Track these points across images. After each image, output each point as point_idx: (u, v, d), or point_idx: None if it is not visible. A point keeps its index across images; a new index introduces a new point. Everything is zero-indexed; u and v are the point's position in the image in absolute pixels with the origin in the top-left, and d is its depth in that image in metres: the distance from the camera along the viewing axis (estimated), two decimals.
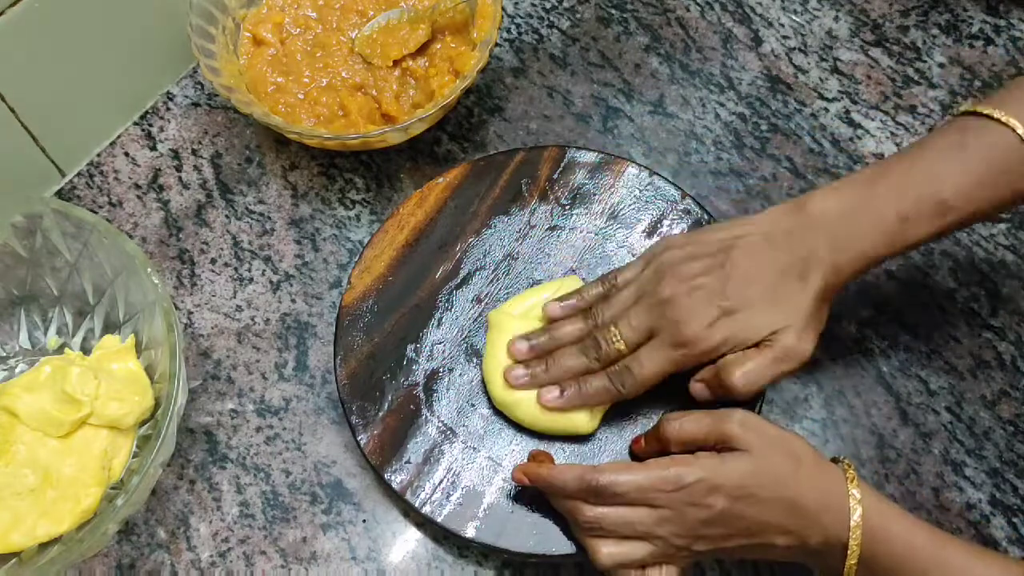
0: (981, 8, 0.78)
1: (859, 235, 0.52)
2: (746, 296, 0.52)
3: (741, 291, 0.52)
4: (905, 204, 0.51)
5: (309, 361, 0.64)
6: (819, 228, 0.53)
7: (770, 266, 0.53)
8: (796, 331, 0.52)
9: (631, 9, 0.79)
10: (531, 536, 0.55)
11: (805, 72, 0.76)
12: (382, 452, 0.58)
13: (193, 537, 0.59)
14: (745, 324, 0.52)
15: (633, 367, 0.54)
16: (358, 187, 0.71)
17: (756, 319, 0.52)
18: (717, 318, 0.52)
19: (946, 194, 0.51)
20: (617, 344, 0.54)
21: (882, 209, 0.52)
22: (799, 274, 0.52)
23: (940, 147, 0.52)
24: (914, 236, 0.52)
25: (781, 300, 0.52)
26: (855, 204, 0.52)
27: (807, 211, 0.53)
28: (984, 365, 0.63)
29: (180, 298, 0.67)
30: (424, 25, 0.70)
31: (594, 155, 0.67)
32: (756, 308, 0.52)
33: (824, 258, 0.52)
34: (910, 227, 0.51)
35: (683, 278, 0.53)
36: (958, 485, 0.59)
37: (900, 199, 0.51)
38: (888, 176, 0.53)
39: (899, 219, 0.51)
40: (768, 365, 0.52)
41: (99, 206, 0.70)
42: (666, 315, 0.53)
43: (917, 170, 0.52)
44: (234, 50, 0.70)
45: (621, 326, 0.54)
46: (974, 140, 0.51)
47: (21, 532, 0.53)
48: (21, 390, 0.56)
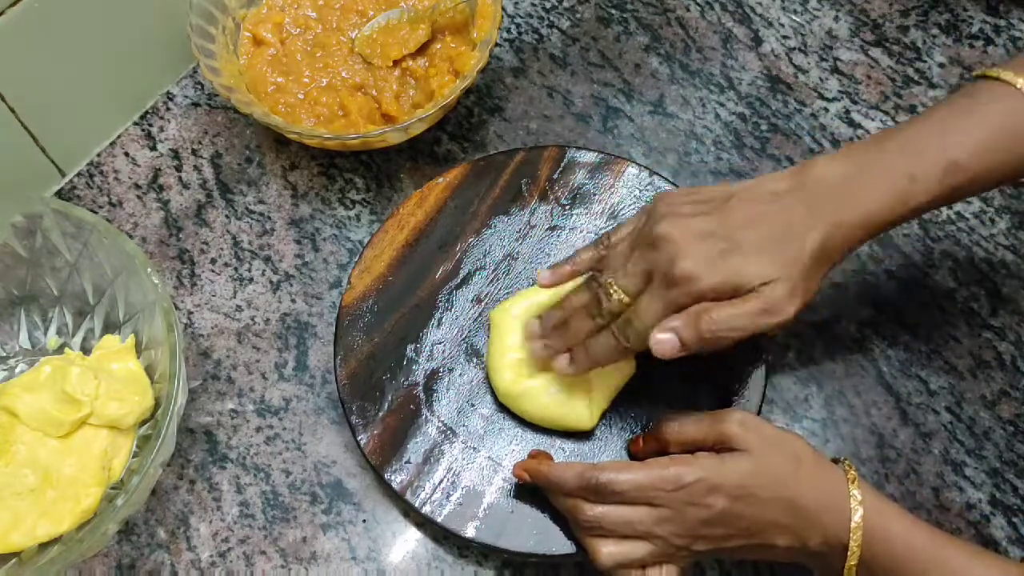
0: (981, 8, 0.78)
1: (865, 194, 0.50)
2: (743, 239, 0.50)
3: (738, 233, 0.50)
4: (914, 163, 0.50)
5: (309, 361, 0.64)
6: (823, 187, 0.51)
7: (769, 217, 0.51)
8: (785, 286, 0.49)
9: (631, 9, 0.79)
10: (531, 536, 0.55)
11: (805, 72, 0.76)
12: (382, 452, 0.58)
13: (193, 537, 0.59)
14: (739, 267, 0.49)
15: (633, 317, 0.52)
16: (358, 187, 0.71)
17: (750, 265, 0.49)
18: (711, 256, 0.49)
19: (955, 153, 0.49)
20: (616, 295, 0.52)
21: (890, 168, 0.50)
22: (798, 228, 0.50)
23: (950, 110, 0.51)
24: (922, 196, 0.50)
25: (777, 251, 0.50)
26: (861, 164, 0.51)
27: (811, 172, 0.51)
28: (984, 365, 0.63)
29: (180, 298, 0.67)
30: (424, 25, 0.70)
31: (594, 155, 0.67)
32: (751, 254, 0.49)
33: (827, 216, 0.50)
34: (919, 186, 0.50)
35: (678, 217, 0.51)
36: (958, 485, 0.59)
37: (909, 158, 0.50)
38: (896, 137, 0.51)
39: (908, 178, 0.50)
40: (749, 315, 0.49)
41: (99, 206, 0.70)
42: (661, 252, 0.51)
43: (926, 131, 0.51)
44: (234, 50, 0.70)
45: (618, 276, 0.53)
46: (984, 103, 0.50)
47: (21, 532, 0.53)
48: (21, 390, 0.56)
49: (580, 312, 0.55)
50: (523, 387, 0.57)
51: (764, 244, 0.50)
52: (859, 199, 0.50)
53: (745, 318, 0.49)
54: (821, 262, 0.50)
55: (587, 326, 0.55)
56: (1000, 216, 0.69)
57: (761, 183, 0.52)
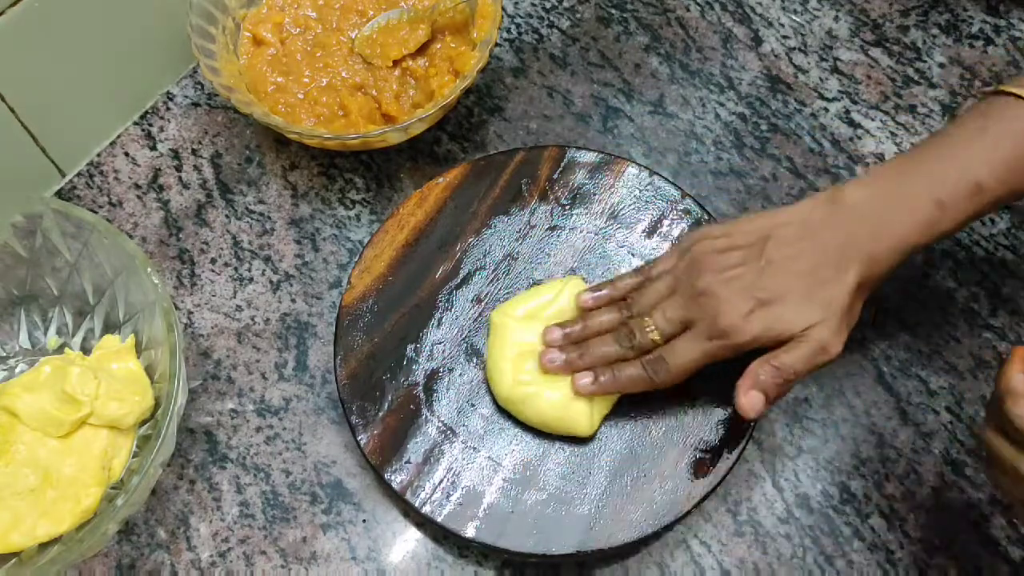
0: (981, 8, 0.78)
1: (896, 223, 0.52)
2: (782, 288, 0.52)
3: (777, 283, 0.52)
4: (940, 189, 0.51)
5: (309, 361, 0.64)
6: (855, 217, 0.52)
7: (806, 257, 0.52)
8: (830, 326, 0.51)
9: (631, 9, 0.79)
10: (531, 536, 0.55)
11: (805, 72, 0.76)
12: (382, 452, 0.58)
13: (193, 537, 0.59)
14: (781, 317, 0.51)
15: (668, 357, 0.54)
16: (358, 187, 0.71)
17: (792, 313, 0.51)
18: (753, 309, 0.52)
19: (979, 175, 0.51)
20: (652, 334, 0.54)
21: (918, 195, 0.51)
22: (835, 266, 0.52)
23: (966, 130, 0.52)
24: (951, 221, 0.51)
25: (817, 294, 0.51)
26: (889, 192, 0.52)
27: (842, 201, 0.53)
28: (984, 365, 0.63)
29: (180, 298, 0.67)
30: (424, 25, 0.70)
31: (594, 155, 0.67)
32: (792, 301, 0.52)
33: (861, 248, 0.52)
34: (947, 212, 0.51)
35: (719, 269, 0.53)
36: (958, 485, 0.59)
37: (934, 184, 0.51)
38: (920, 163, 0.53)
39: (936, 204, 0.51)
40: (804, 359, 0.51)
41: (99, 206, 0.70)
42: (702, 307, 0.53)
43: (948, 155, 0.52)
44: (234, 50, 0.70)
45: (656, 317, 0.54)
46: (996, 121, 0.51)
47: (21, 532, 0.53)
48: (21, 390, 0.56)
49: (606, 338, 0.56)
50: (524, 392, 0.57)
51: (804, 289, 0.52)
52: (890, 227, 0.52)
53: (801, 363, 0.51)
54: (860, 294, 0.53)
55: (613, 352, 0.56)
56: (1000, 216, 0.69)
57: (795, 214, 0.54)
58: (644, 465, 0.57)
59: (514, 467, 0.57)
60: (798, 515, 0.58)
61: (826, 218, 0.53)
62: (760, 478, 0.59)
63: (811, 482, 0.59)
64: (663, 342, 0.54)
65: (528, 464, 0.57)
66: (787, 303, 0.52)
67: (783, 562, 0.57)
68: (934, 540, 0.58)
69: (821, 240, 0.52)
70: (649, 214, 0.65)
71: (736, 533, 0.58)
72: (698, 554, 0.57)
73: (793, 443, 0.61)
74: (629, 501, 0.55)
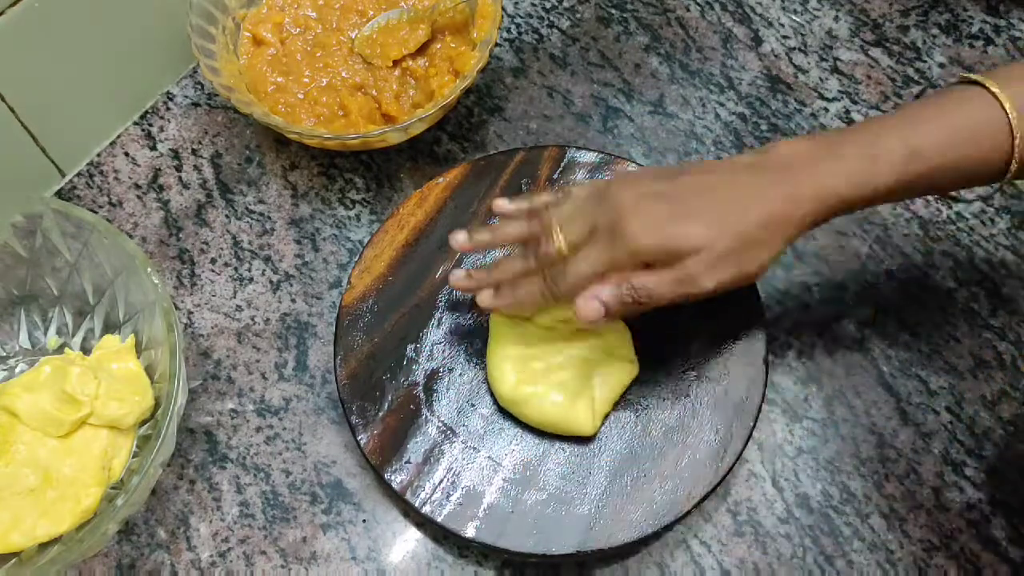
0: (981, 8, 0.78)
1: (823, 169, 0.50)
2: (689, 206, 0.50)
3: (687, 199, 0.51)
4: (876, 146, 0.50)
5: (309, 361, 0.64)
6: (782, 163, 0.51)
7: (720, 187, 0.51)
8: (707, 259, 0.49)
9: (631, 9, 0.79)
10: (531, 536, 0.55)
11: (805, 72, 0.76)
12: (382, 452, 0.58)
13: (193, 537, 0.59)
14: (679, 231, 0.50)
15: (568, 266, 0.52)
16: (358, 187, 0.71)
17: (689, 230, 0.50)
18: (657, 219, 0.50)
19: (917, 142, 0.50)
20: (557, 244, 0.53)
21: (851, 148, 0.51)
22: (746, 199, 0.50)
23: (923, 104, 0.52)
24: (883, 177, 0.50)
25: (717, 221, 0.50)
26: (824, 145, 0.51)
27: (773, 150, 0.52)
28: (984, 365, 0.63)
29: (180, 298, 0.67)
30: (424, 25, 0.70)
31: (594, 155, 0.67)
32: (694, 220, 0.50)
33: (780, 189, 0.50)
34: (879, 167, 0.50)
35: (635, 180, 0.52)
36: (958, 485, 0.59)
37: (871, 141, 0.51)
38: (865, 125, 0.52)
39: (868, 158, 0.50)
40: (665, 283, 0.50)
41: (99, 206, 0.70)
42: (605, 211, 0.51)
43: (894, 121, 0.51)
44: (234, 50, 0.70)
45: (564, 226, 0.53)
46: (956, 101, 0.51)
47: (21, 532, 0.53)
48: (21, 390, 0.56)
49: (515, 253, 0.55)
50: (525, 393, 0.57)
51: (707, 212, 0.50)
52: (818, 174, 0.50)
53: (661, 287, 0.50)
54: (771, 234, 0.50)
55: (518, 266, 0.55)
56: (1000, 216, 0.69)
57: (723, 160, 0.53)
58: (644, 465, 0.57)
59: (514, 467, 0.57)
60: (798, 515, 0.58)
61: (752, 162, 0.52)
62: (760, 478, 0.59)
63: (811, 482, 0.59)
64: (569, 252, 0.53)
65: (528, 464, 0.57)
66: (688, 220, 0.50)
67: (783, 562, 0.57)
68: (934, 540, 0.58)
69: (738, 175, 0.51)
70: None
71: (736, 533, 0.58)
72: (698, 554, 0.57)
73: (793, 443, 0.61)
74: (629, 501, 0.55)
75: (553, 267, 0.53)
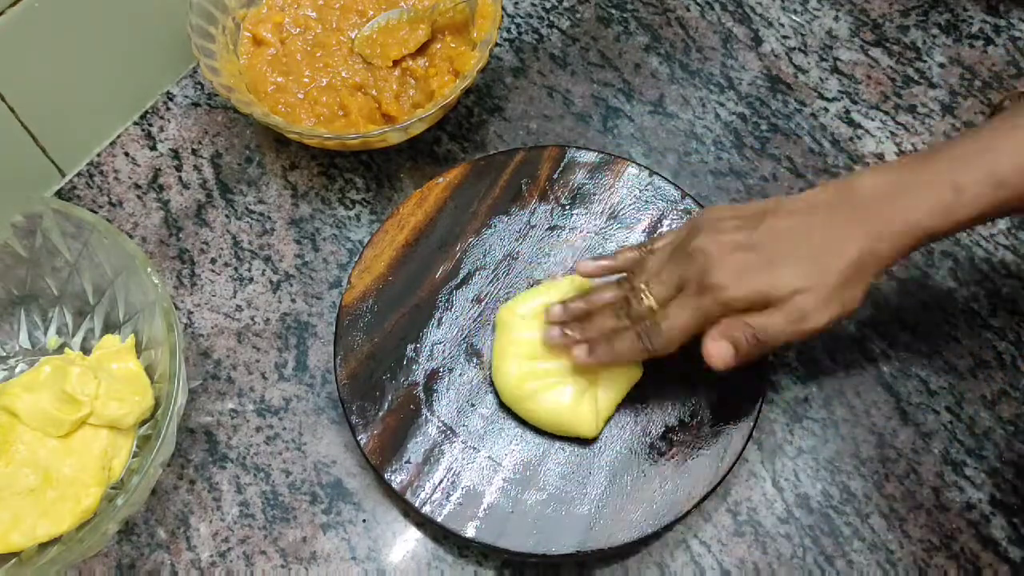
0: (981, 8, 0.78)
1: (908, 203, 0.50)
2: (776, 252, 0.51)
3: (772, 246, 0.51)
4: (959, 175, 0.50)
5: (309, 361, 0.64)
6: (864, 197, 0.51)
7: (806, 228, 0.51)
8: (817, 296, 0.50)
9: (631, 9, 0.79)
10: (531, 536, 0.55)
11: (805, 72, 0.76)
12: (382, 452, 0.58)
13: (193, 537, 0.59)
14: (769, 277, 0.50)
15: (660, 321, 0.53)
16: (358, 187, 0.71)
17: (780, 275, 0.50)
18: (744, 268, 0.51)
19: (1000, 168, 0.49)
20: (647, 301, 0.54)
21: (935, 180, 0.50)
22: (836, 238, 0.50)
23: (996, 126, 0.51)
24: (968, 210, 0.50)
25: (811, 263, 0.50)
26: (904, 176, 0.51)
27: (854, 184, 0.52)
28: (984, 365, 0.63)
29: (180, 298, 0.67)
30: (424, 25, 0.70)
31: (594, 155, 0.67)
32: (783, 265, 0.50)
33: (866, 224, 0.50)
34: (964, 199, 0.49)
35: (716, 232, 0.52)
36: (958, 485, 0.59)
37: (954, 170, 0.50)
38: (942, 151, 0.51)
39: (953, 189, 0.49)
40: (779, 324, 0.50)
41: (99, 206, 0.70)
42: (694, 262, 0.52)
43: (972, 145, 0.51)
44: (234, 50, 0.70)
45: (651, 283, 0.54)
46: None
47: (21, 532, 0.53)
48: (21, 390, 0.56)
49: (605, 309, 0.56)
50: (529, 390, 0.57)
51: (798, 256, 0.51)
52: (902, 209, 0.50)
53: (776, 327, 0.50)
54: (862, 272, 0.51)
55: (610, 323, 0.56)
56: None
57: (803, 196, 0.53)
58: (644, 465, 0.57)
59: (514, 467, 0.57)
60: (798, 515, 0.58)
61: (833, 198, 0.52)
62: (760, 478, 0.59)
63: (811, 482, 0.59)
64: (658, 308, 0.53)
65: (528, 464, 0.57)
66: (778, 266, 0.50)
67: (783, 562, 0.57)
68: (934, 540, 0.58)
69: (824, 215, 0.51)
70: (649, 214, 0.65)
71: (736, 533, 0.58)
72: (698, 554, 0.57)
73: (793, 443, 0.61)
74: (629, 501, 0.56)
75: (645, 321, 0.54)
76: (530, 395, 0.57)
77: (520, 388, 0.57)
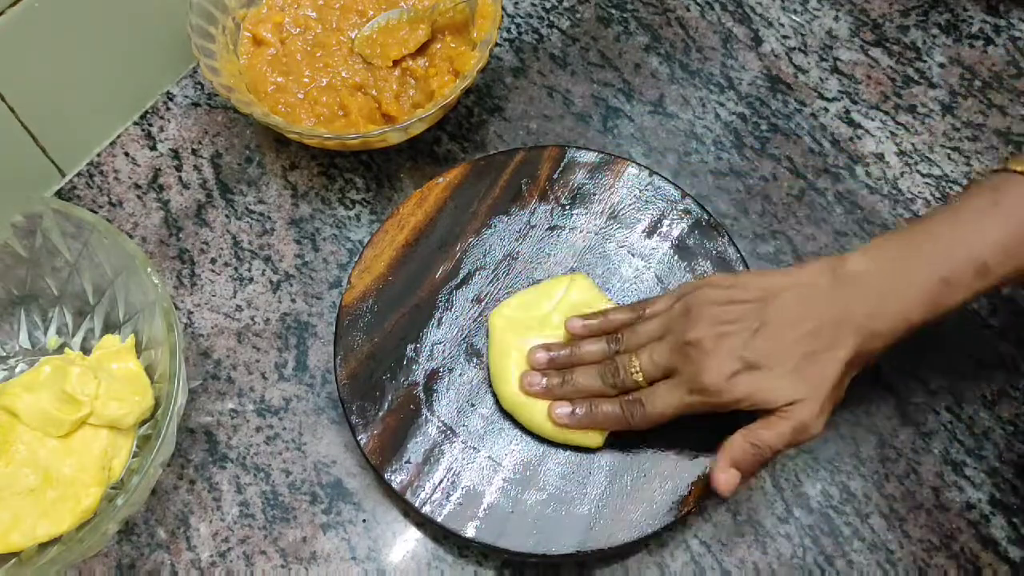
0: (981, 8, 0.78)
1: (898, 299, 0.51)
2: (772, 356, 0.51)
3: (768, 349, 0.51)
4: (945, 267, 0.50)
5: (309, 361, 0.64)
6: (856, 291, 0.51)
7: (803, 325, 0.51)
8: (814, 406, 0.50)
9: (631, 9, 0.79)
10: (531, 536, 0.55)
11: (805, 72, 0.76)
12: (382, 452, 0.58)
13: (193, 537, 0.59)
14: (765, 385, 0.50)
15: (646, 401, 0.53)
16: (358, 187, 0.71)
17: (777, 384, 0.50)
18: (738, 371, 0.51)
19: (986, 255, 0.50)
20: (635, 375, 0.54)
21: (921, 272, 0.51)
22: (830, 339, 0.50)
23: (975, 207, 0.52)
24: (955, 299, 0.50)
25: (806, 368, 0.50)
26: (894, 267, 0.51)
27: (846, 270, 0.52)
28: (984, 365, 0.63)
29: (180, 298, 0.67)
30: (424, 25, 0.70)
31: (594, 155, 0.67)
32: (779, 372, 0.50)
33: (860, 323, 0.51)
34: (952, 290, 0.50)
35: (712, 322, 0.52)
36: (958, 485, 0.59)
37: (940, 262, 0.50)
38: (926, 238, 0.52)
39: (940, 282, 0.50)
40: (783, 437, 0.50)
41: (99, 206, 0.70)
42: (688, 357, 0.52)
43: (955, 233, 0.51)
44: (234, 50, 0.70)
45: (642, 358, 0.54)
46: (1007, 197, 0.51)
47: (21, 532, 0.53)
48: (21, 390, 0.56)
49: (590, 369, 0.56)
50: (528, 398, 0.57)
51: (795, 360, 0.51)
52: (892, 302, 0.51)
53: (780, 441, 0.50)
54: (851, 370, 0.52)
55: (594, 386, 0.56)
56: None
57: (798, 278, 0.53)
58: (644, 465, 0.57)
59: (514, 467, 0.57)
60: (798, 515, 0.58)
61: (827, 288, 0.52)
62: (760, 478, 0.59)
63: (811, 482, 0.59)
64: (646, 384, 0.54)
65: (528, 464, 0.57)
66: (774, 372, 0.50)
67: (783, 562, 0.57)
68: (934, 540, 0.58)
69: (819, 310, 0.51)
70: (649, 214, 0.65)
71: (736, 533, 0.58)
72: (698, 554, 0.57)
73: None
74: (629, 501, 0.56)
75: (630, 395, 0.54)
76: (532, 403, 0.57)
77: (521, 396, 0.57)
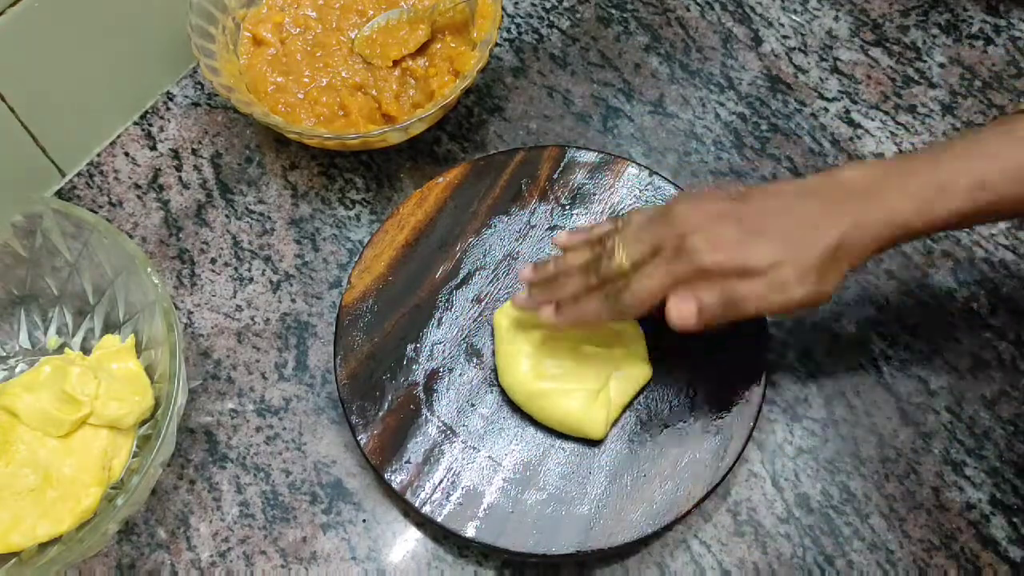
0: (981, 8, 0.78)
1: (889, 195, 0.50)
2: (758, 224, 0.50)
3: (755, 218, 0.51)
4: (942, 174, 0.50)
5: (309, 361, 0.64)
6: (848, 188, 0.51)
7: (788, 210, 0.51)
8: (796, 268, 0.49)
9: (631, 9, 0.79)
10: (531, 536, 0.55)
11: (805, 72, 0.76)
12: (382, 452, 0.58)
13: (193, 537, 0.59)
14: (750, 247, 0.50)
15: (632, 282, 0.52)
16: (358, 187, 0.71)
17: (761, 245, 0.50)
18: (725, 236, 0.50)
19: (986, 170, 0.49)
20: (619, 258, 0.52)
21: (918, 175, 0.50)
22: (817, 223, 0.50)
23: (988, 132, 0.51)
24: (949, 205, 0.49)
25: (790, 240, 0.50)
26: (889, 171, 0.51)
27: (838, 175, 0.52)
28: (984, 365, 0.63)
29: (180, 298, 0.67)
30: (424, 25, 0.70)
31: (594, 155, 0.67)
32: (765, 237, 0.50)
33: (848, 214, 0.50)
34: (945, 197, 0.49)
35: (699, 200, 0.52)
36: (958, 485, 0.59)
37: (937, 168, 0.50)
38: (928, 151, 0.52)
39: (934, 187, 0.49)
40: (757, 292, 0.49)
41: (99, 206, 0.70)
42: (673, 226, 0.51)
43: (960, 147, 0.51)
44: (234, 50, 0.70)
45: (627, 241, 0.53)
46: (1018, 130, 0.50)
47: (21, 532, 0.53)
48: (21, 390, 0.56)
49: (575, 272, 0.55)
50: (542, 388, 0.57)
51: (779, 231, 0.50)
52: (883, 201, 0.50)
53: (752, 295, 0.49)
54: (839, 258, 0.50)
55: (580, 284, 0.55)
56: None
57: (789, 182, 0.53)
58: (644, 465, 0.57)
59: (514, 467, 0.57)
60: (798, 515, 0.58)
61: (817, 187, 0.52)
62: (760, 478, 0.59)
63: (811, 482, 0.59)
64: (632, 269, 0.52)
65: (528, 464, 0.57)
66: (758, 237, 0.50)
67: (783, 562, 0.57)
68: (934, 540, 0.58)
69: (807, 200, 0.51)
70: None
71: (736, 533, 0.58)
72: (698, 554, 0.57)
73: (793, 443, 0.61)
74: (629, 501, 0.56)
75: (616, 282, 0.53)
76: (542, 393, 0.57)
77: (532, 385, 0.57)
